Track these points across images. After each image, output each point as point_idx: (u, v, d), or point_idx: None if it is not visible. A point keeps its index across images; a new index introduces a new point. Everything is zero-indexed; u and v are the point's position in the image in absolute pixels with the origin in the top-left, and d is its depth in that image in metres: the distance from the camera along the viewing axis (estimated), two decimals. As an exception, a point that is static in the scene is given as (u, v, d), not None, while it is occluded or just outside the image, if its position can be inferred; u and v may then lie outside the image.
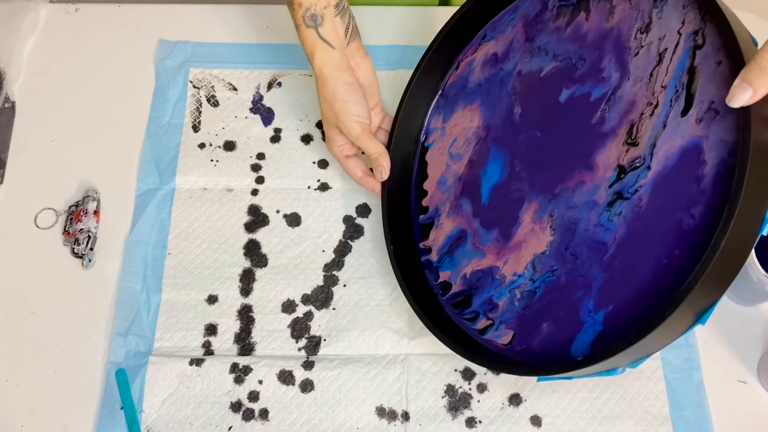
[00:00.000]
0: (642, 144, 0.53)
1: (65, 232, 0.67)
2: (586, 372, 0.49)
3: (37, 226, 0.68)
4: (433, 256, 0.64)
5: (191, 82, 0.75)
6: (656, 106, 0.53)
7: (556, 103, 0.60)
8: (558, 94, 0.60)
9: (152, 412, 0.60)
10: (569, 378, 0.50)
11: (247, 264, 0.67)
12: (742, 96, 0.41)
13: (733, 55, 0.46)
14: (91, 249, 0.66)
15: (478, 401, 0.61)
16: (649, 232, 0.50)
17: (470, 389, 0.61)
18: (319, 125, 0.73)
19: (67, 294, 0.65)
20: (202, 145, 0.72)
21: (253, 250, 0.67)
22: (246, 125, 0.73)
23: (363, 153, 0.65)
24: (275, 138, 0.73)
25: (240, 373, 0.61)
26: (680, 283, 0.46)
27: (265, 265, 0.67)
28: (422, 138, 0.68)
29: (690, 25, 0.52)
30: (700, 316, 0.47)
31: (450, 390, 0.61)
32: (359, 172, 0.66)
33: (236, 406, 0.60)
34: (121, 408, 0.60)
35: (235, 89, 0.75)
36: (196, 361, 0.62)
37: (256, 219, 0.69)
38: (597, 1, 0.60)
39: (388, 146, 0.66)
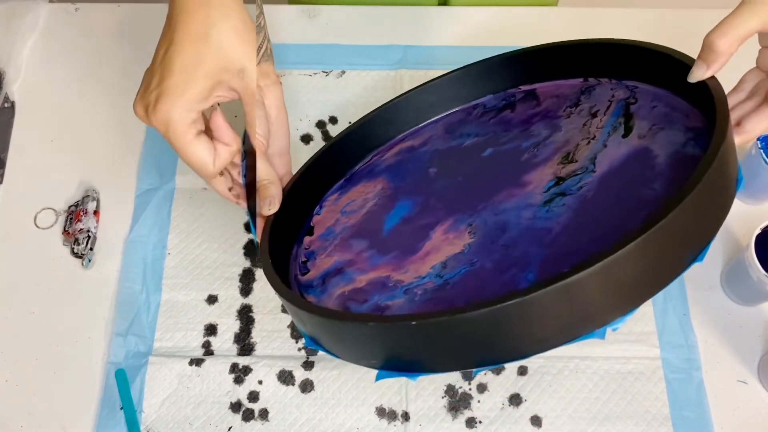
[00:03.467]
0: (580, 160, 0.52)
1: (65, 232, 0.67)
2: (564, 338, 0.40)
3: (37, 226, 0.68)
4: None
5: (191, 82, 0.75)
6: (593, 137, 0.53)
7: (479, 158, 0.57)
8: (481, 152, 0.58)
9: (152, 412, 0.60)
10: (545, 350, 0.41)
11: (247, 264, 0.67)
12: (698, 72, 0.47)
13: (671, 101, 0.51)
14: (91, 249, 0.66)
15: (479, 401, 0.61)
16: (603, 209, 0.47)
17: (470, 389, 0.61)
18: (319, 125, 0.73)
19: (67, 294, 0.65)
20: (202, 145, 0.72)
21: (253, 250, 0.67)
22: (246, 125, 0.73)
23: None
24: (275, 138, 0.73)
25: (240, 373, 0.61)
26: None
27: (265, 265, 0.67)
28: (316, 210, 0.61)
29: (620, 96, 0.55)
30: (696, 255, 0.41)
31: (450, 390, 0.61)
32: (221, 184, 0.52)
33: (236, 407, 0.60)
34: (121, 408, 0.60)
35: (235, 89, 0.75)
36: (196, 361, 0.62)
37: (256, 219, 0.69)
38: (522, 102, 0.61)
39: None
